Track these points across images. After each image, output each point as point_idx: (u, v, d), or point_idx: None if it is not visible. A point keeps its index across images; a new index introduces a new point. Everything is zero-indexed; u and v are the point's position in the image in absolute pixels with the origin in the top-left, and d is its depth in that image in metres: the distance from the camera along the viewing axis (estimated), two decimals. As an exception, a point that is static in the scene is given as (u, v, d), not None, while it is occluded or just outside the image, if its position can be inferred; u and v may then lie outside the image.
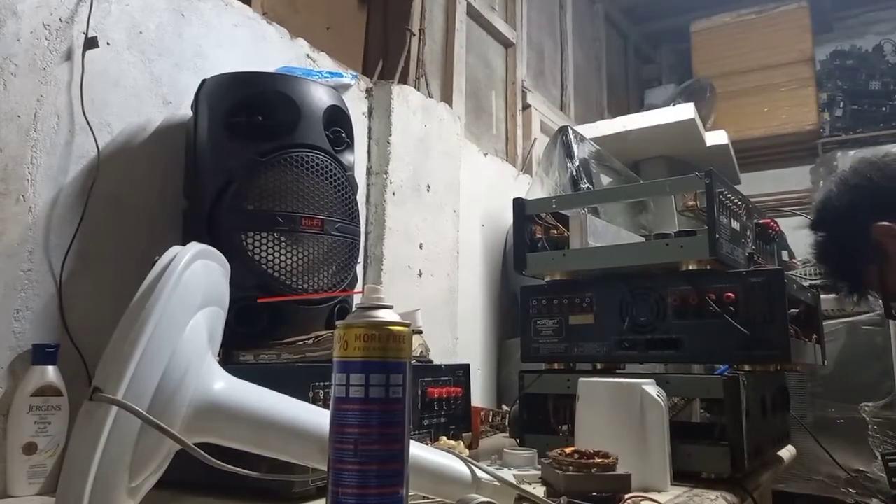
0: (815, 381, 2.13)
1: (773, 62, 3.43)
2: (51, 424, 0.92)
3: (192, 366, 0.64)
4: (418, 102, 1.73)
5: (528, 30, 2.74)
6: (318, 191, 1.08)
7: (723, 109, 3.31)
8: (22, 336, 0.94)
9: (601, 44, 3.46)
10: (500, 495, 0.75)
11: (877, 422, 2.00)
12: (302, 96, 1.10)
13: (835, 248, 1.18)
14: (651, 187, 1.50)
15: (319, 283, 1.07)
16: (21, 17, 0.96)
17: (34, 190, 0.97)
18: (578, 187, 1.63)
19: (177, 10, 1.19)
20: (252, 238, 1.03)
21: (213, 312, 0.71)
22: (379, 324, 0.60)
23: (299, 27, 1.54)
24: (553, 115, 2.76)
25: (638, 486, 0.86)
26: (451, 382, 1.16)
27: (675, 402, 1.13)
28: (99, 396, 0.56)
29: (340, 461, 0.58)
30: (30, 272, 0.96)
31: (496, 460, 1.02)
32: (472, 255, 1.99)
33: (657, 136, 2.33)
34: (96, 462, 0.55)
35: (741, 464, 0.97)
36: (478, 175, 2.03)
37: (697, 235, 1.07)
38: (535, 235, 1.25)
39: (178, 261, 0.63)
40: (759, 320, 1.02)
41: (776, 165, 3.49)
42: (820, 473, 2.10)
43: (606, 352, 1.14)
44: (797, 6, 3.44)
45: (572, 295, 1.18)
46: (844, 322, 2.10)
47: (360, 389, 0.58)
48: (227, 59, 1.26)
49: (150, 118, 1.14)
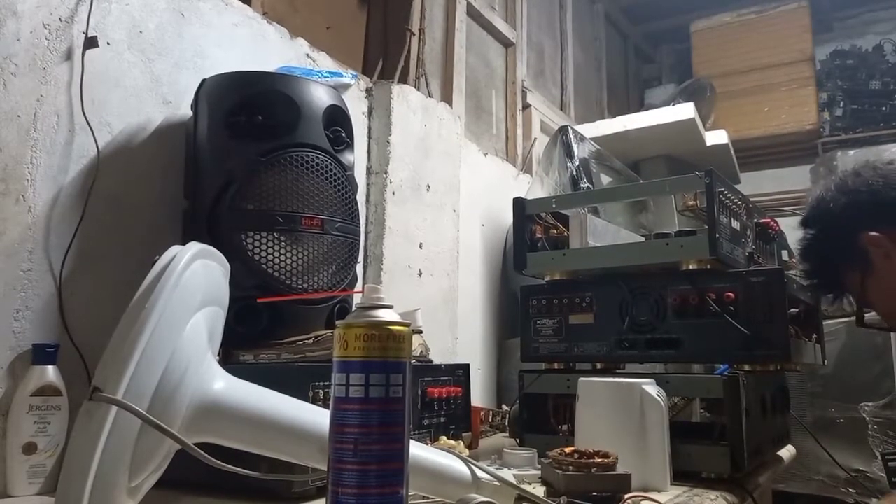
0: (815, 381, 2.13)
1: (773, 62, 3.43)
2: (51, 424, 0.92)
3: (191, 365, 0.64)
4: (418, 102, 1.73)
5: (528, 29, 2.74)
6: (318, 190, 1.08)
7: (723, 109, 3.31)
8: (22, 336, 0.94)
9: (601, 44, 3.46)
10: (500, 495, 0.75)
11: (877, 422, 2.00)
12: (302, 96, 1.10)
13: (821, 247, 1.16)
14: (651, 187, 1.50)
15: (319, 282, 1.07)
16: (21, 16, 0.96)
17: (34, 190, 0.97)
18: (578, 187, 1.63)
19: (177, 9, 1.19)
20: (252, 238, 1.03)
21: (212, 312, 0.71)
22: (379, 323, 0.60)
23: (299, 27, 1.54)
24: (553, 115, 2.76)
25: (638, 486, 0.86)
26: (450, 382, 1.16)
27: (675, 402, 1.13)
28: (99, 396, 0.56)
29: (340, 461, 0.58)
30: (30, 272, 0.96)
31: (496, 460, 1.02)
32: (472, 255, 1.99)
33: (657, 136, 2.33)
34: (96, 462, 0.55)
35: (741, 464, 0.97)
36: (478, 175, 2.03)
37: (697, 235, 1.07)
38: (535, 235, 1.25)
39: (178, 261, 0.63)
40: (759, 320, 1.02)
41: (776, 165, 3.49)
42: (820, 473, 2.10)
43: (606, 352, 1.14)
44: (797, 6, 3.44)
45: (572, 295, 1.18)
46: (844, 322, 2.10)
47: (360, 389, 0.58)
48: (227, 58, 1.26)
49: (150, 118, 1.14)
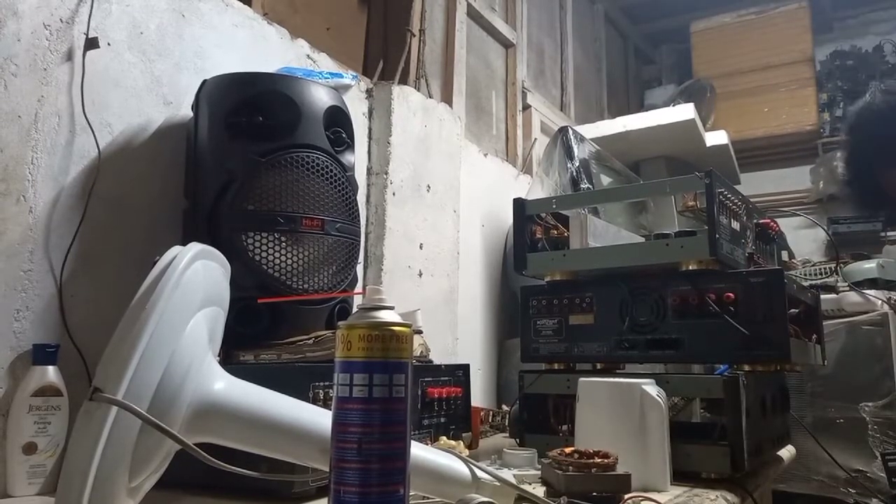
0: (815, 381, 2.13)
1: (773, 62, 3.43)
2: (51, 424, 0.92)
3: (192, 366, 0.64)
4: (418, 103, 1.73)
5: (528, 30, 2.74)
6: (318, 191, 1.08)
7: (723, 109, 3.31)
8: (22, 336, 0.94)
9: (601, 44, 3.46)
10: (500, 495, 0.75)
11: (877, 422, 2.00)
12: (302, 97, 1.10)
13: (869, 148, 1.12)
14: (651, 187, 1.50)
15: (320, 283, 1.07)
16: (21, 17, 0.96)
17: (35, 190, 0.97)
18: (578, 187, 1.63)
19: (177, 10, 1.19)
20: (252, 238, 1.03)
21: (213, 312, 0.71)
22: (382, 324, 0.60)
23: (299, 27, 1.54)
24: (553, 116, 2.76)
25: (638, 486, 0.86)
26: (451, 382, 1.16)
27: (675, 402, 1.13)
28: (99, 396, 0.56)
29: (343, 459, 0.59)
30: (30, 272, 0.96)
31: (496, 460, 1.02)
32: (472, 256, 1.99)
33: (657, 137, 2.33)
34: (96, 462, 0.55)
35: (741, 464, 0.97)
36: (478, 175, 2.03)
37: (697, 235, 1.07)
38: (535, 235, 1.25)
39: (178, 261, 0.63)
40: (759, 320, 1.02)
41: (776, 165, 3.49)
42: (820, 473, 2.09)
43: (606, 352, 1.14)
44: (797, 6, 3.44)
45: (572, 295, 1.18)
46: (844, 322, 2.10)
47: (363, 389, 0.59)
48: (227, 59, 1.26)
49: (150, 118, 1.14)
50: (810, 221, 2.83)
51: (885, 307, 2.03)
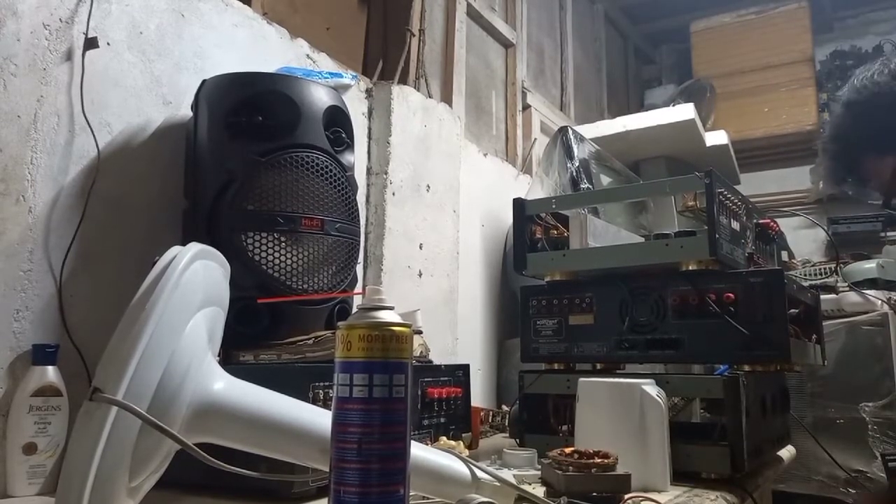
0: (815, 381, 2.13)
1: (773, 62, 3.43)
2: (51, 424, 0.92)
3: (192, 366, 0.64)
4: (418, 103, 1.73)
5: (528, 30, 2.74)
6: (318, 191, 1.08)
7: (723, 109, 3.31)
8: (22, 336, 0.94)
9: (601, 44, 3.46)
10: (500, 495, 0.75)
11: (877, 422, 2.00)
12: (302, 96, 1.10)
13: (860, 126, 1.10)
14: (651, 187, 1.50)
15: (319, 283, 1.07)
16: (21, 17, 0.96)
17: (34, 190, 0.97)
18: (578, 187, 1.63)
19: (177, 10, 1.19)
20: (252, 238, 1.03)
21: (213, 312, 0.71)
22: (382, 324, 0.60)
23: (299, 27, 1.54)
24: (553, 116, 2.76)
25: (638, 486, 0.86)
26: (450, 382, 1.16)
27: (675, 402, 1.13)
28: (99, 397, 0.56)
29: (343, 459, 0.59)
30: (30, 272, 0.96)
31: (496, 460, 1.02)
32: (472, 255, 1.99)
33: (657, 137, 2.33)
34: (96, 462, 0.55)
35: (741, 464, 0.97)
36: (478, 175, 2.03)
37: (697, 235, 1.07)
38: (535, 235, 1.25)
39: (178, 261, 0.63)
40: (759, 320, 1.02)
41: (776, 165, 3.49)
42: (820, 473, 2.09)
43: (606, 352, 1.14)
44: (797, 6, 3.44)
45: (572, 295, 1.18)
46: (844, 322, 2.10)
47: (363, 389, 0.59)
48: (227, 59, 1.26)
49: (150, 118, 1.14)
50: (810, 221, 2.83)
51: (884, 307, 2.03)
